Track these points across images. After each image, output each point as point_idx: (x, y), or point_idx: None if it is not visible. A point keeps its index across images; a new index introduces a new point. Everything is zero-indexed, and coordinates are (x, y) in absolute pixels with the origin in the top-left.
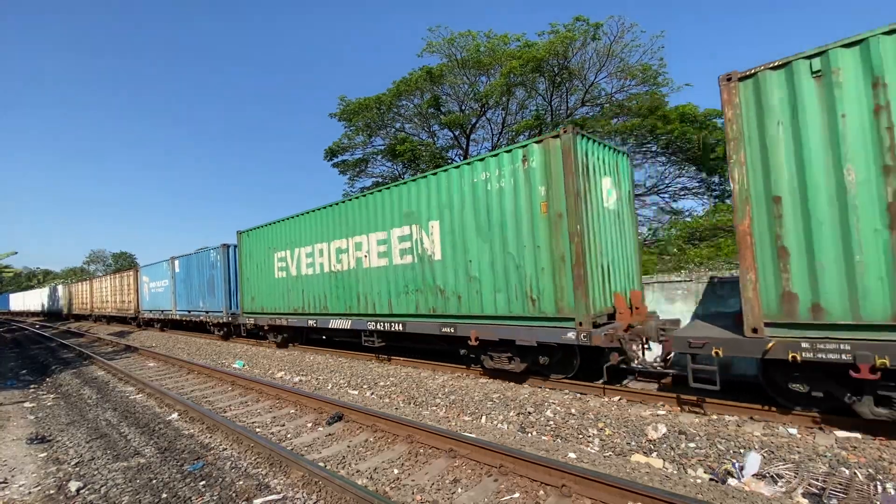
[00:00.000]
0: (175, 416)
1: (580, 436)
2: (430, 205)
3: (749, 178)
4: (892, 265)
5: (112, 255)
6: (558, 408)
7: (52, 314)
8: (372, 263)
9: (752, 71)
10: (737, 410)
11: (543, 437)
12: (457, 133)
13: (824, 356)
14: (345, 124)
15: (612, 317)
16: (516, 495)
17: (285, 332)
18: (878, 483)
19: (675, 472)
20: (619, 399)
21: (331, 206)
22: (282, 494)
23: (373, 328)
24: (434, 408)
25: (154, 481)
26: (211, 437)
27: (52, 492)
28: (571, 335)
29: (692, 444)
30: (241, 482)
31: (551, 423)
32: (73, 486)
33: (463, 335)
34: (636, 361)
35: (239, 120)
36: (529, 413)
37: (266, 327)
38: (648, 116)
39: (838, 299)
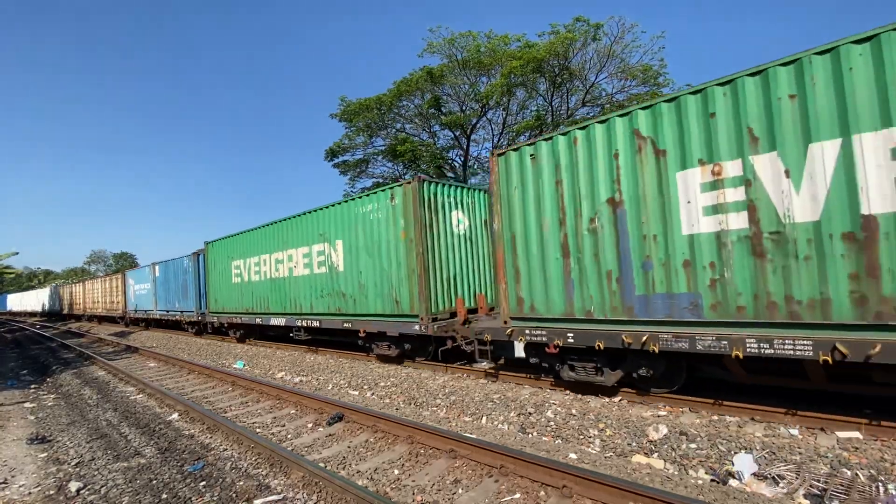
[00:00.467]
0: (175, 416)
1: (581, 436)
2: (337, 228)
3: (502, 223)
4: (563, 280)
5: (113, 256)
6: (559, 408)
7: (47, 314)
8: (299, 272)
9: (503, 151)
10: (738, 411)
11: (544, 438)
12: (457, 133)
13: (535, 338)
14: (345, 125)
15: (454, 314)
16: (517, 496)
17: (242, 329)
18: (880, 484)
19: (677, 472)
20: (620, 400)
21: (273, 223)
22: (282, 495)
23: (300, 325)
24: (435, 408)
25: (154, 482)
26: (211, 437)
27: (52, 492)
28: (417, 328)
29: (693, 445)
30: (241, 482)
31: (552, 423)
32: (74, 486)
33: (356, 329)
34: (464, 346)
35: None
36: (530, 414)
37: (227, 325)
38: None
39: (541, 301)
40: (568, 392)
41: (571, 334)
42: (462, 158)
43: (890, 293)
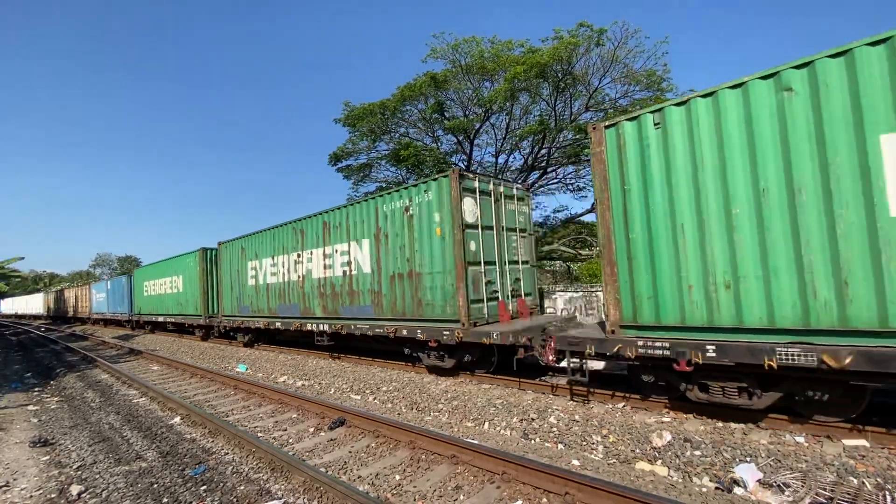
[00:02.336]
0: (177, 419)
1: (584, 443)
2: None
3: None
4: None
5: (118, 259)
6: (562, 414)
7: (36, 316)
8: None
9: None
10: (742, 418)
11: (547, 444)
12: (460, 138)
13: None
14: (349, 129)
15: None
16: (519, 503)
17: (158, 326)
18: (887, 493)
19: (681, 480)
20: (624, 406)
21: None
22: (283, 500)
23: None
24: (437, 413)
25: (155, 486)
26: (213, 441)
27: (53, 495)
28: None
29: (697, 452)
30: (242, 487)
31: (555, 429)
32: (75, 489)
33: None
34: (547, 359)
35: (245, 124)
36: (533, 419)
37: (146, 321)
38: None
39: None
40: (570, 398)
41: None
42: (465, 163)
43: None
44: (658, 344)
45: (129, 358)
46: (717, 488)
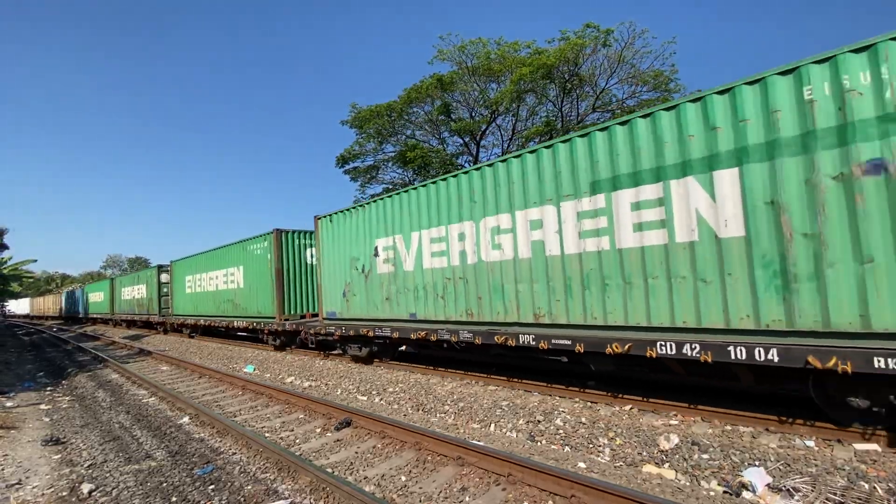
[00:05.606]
0: (186, 419)
1: (590, 445)
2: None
3: None
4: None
5: (128, 260)
6: (568, 416)
7: (26, 316)
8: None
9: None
10: (752, 421)
11: (553, 446)
12: (467, 139)
13: None
14: (356, 131)
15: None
16: None
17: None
18: None
19: (688, 483)
20: (631, 408)
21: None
22: (290, 500)
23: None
24: (443, 415)
25: (164, 484)
26: (221, 441)
27: (64, 493)
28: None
29: (706, 456)
30: (249, 487)
31: (561, 431)
32: (86, 488)
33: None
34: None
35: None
36: (539, 421)
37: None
38: None
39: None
40: (578, 400)
41: None
42: (471, 164)
43: None
44: None
45: (138, 358)
46: (725, 492)
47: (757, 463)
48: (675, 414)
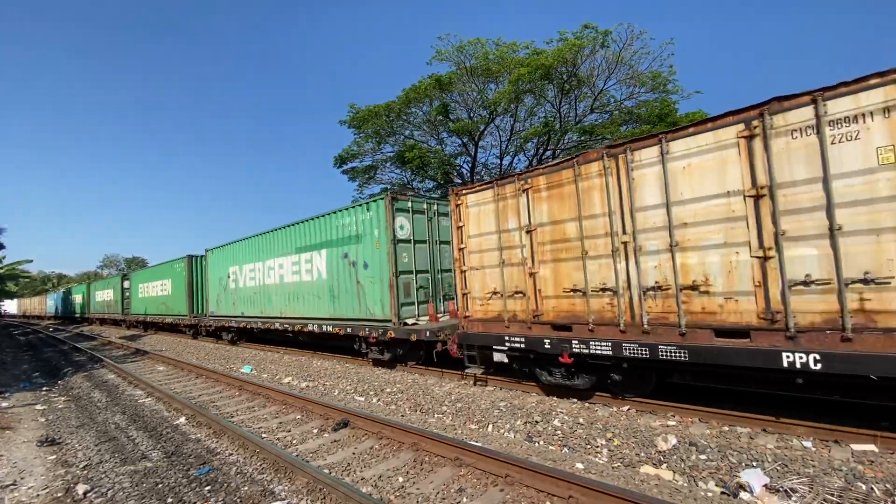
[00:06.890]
0: (182, 420)
1: (588, 446)
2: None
3: None
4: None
5: (125, 260)
6: (566, 417)
7: (24, 315)
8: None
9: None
10: (749, 422)
11: (551, 447)
12: (465, 140)
13: None
14: (354, 131)
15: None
16: None
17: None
18: None
19: (686, 484)
20: (629, 409)
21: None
22: (286, 501)
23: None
24: (440, 415)
25: (160, 485)
26: (217, 441)
27: (59, 494)
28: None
29: (703, 456)
30: (246, 488)
31: (559, 432)
32: (81, 489)
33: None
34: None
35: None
36: (537, 422)
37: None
38: (658, 124)
39: None
40: (575, 401)
41: None
42: (470, 165)
43: None
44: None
45: (135, 358)
46: (722, 493)
47: (754, 464)
48: (672, 415)
